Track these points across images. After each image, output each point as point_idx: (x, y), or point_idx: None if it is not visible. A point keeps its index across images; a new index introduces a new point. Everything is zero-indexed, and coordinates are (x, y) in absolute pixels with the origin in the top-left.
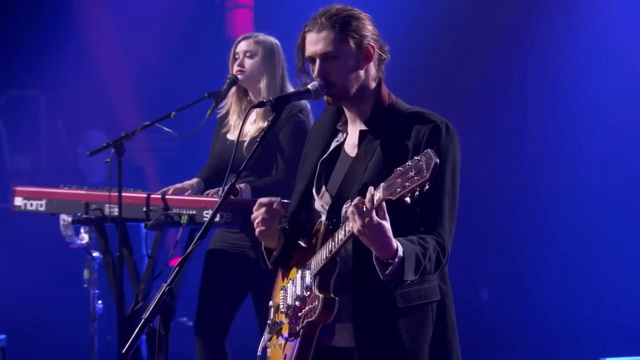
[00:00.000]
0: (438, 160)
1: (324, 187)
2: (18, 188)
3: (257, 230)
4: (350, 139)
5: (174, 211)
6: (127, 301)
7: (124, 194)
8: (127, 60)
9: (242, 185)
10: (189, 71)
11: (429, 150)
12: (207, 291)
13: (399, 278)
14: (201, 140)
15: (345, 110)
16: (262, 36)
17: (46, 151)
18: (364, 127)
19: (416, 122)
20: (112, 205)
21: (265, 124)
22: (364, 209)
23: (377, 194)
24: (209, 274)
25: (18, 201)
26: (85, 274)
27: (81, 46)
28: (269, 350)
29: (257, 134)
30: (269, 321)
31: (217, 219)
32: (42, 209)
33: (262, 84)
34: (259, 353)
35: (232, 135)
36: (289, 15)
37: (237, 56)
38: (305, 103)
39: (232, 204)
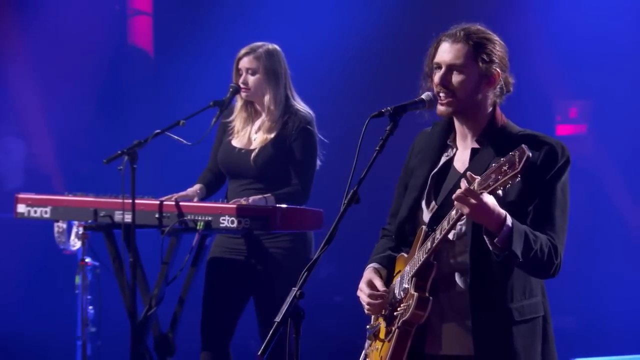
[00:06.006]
0: (530, 154)
1: (433, 201)
2: (21, 195)
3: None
4: (461, 156)
5: (189, 217)
6: (119, 307)
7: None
8: (33, 66)
9: (267, 195)
10: (92, 76)
11: (523, 145)
12: (211, 297)
13: (508, 249)
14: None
15: (457, 125)
16: (262, 49)
17: None
18: (475, 145)
19: (532, 144)
20: (122, 212)
21: (272, 134)
22: (467, 195)
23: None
24: (212, 281)
25: (21, 208)
26: (77, 279)
27: None
28: (368, 355)
29: (263, 143)
30: (367, 326)
31: (234, 224)
32: (47, 215)
33: (267, 98)
34: None
35: (237, 142)
36: (188, 22)
37: (240, 72)
38: (313, 115)
39: (250, 211)
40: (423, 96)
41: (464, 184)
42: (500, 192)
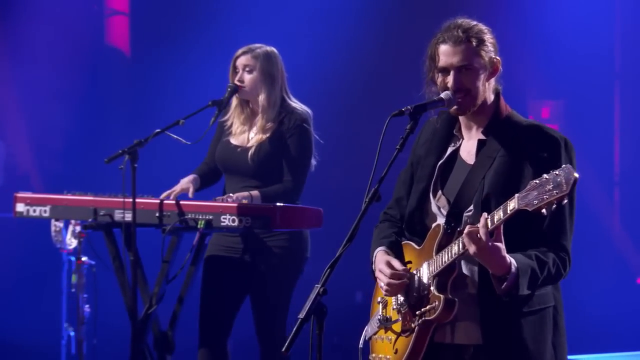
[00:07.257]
0: (577, 176)
1: (440, 191)
2: (20, 194)
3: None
4: (466, 146)
5: (190, 216)
6: (114, 306)
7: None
8: (10, 65)
9: (253, 192)
10: (69, 76)
11: (568, 165)
12: (208, 296)
13: (515, 292)
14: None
15: (461, 117)
16: (259, 49)
17: None
18: (481, 136)
19: (535, 137)
20: (121, 211)
21: (269, 133)
22: (477, 236)
23: (511, 204)
24: (209, 279)
25: (20, 207)
26: (74, 278)
27: None
28: (374, 343)
29: (260, 141)
30: (378, 316)
31: (235, 223)
32: (46, 214)
33: (262, 97)
34: (360, 345)
35: (235, 140)
36: (164, 22)
37: (237, 70)
38: (309, 113)
39: (251, 209)
40: (442, 95)
41: (475, 230)
42: (544, 211)
